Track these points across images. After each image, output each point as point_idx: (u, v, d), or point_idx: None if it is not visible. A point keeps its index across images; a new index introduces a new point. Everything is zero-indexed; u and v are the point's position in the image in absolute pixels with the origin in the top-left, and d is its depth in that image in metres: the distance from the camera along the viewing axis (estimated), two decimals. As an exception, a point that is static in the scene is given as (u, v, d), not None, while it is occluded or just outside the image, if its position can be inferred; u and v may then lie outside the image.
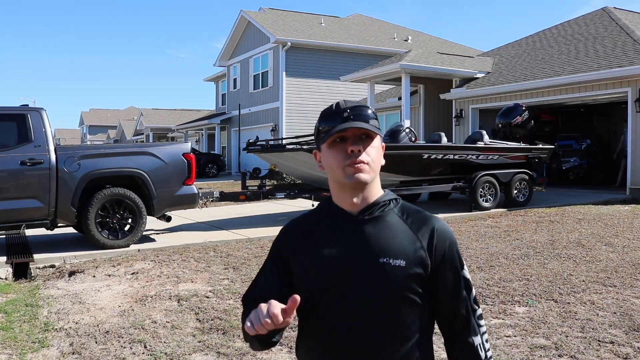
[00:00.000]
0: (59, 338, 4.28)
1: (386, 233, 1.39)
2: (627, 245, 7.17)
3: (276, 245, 1.51)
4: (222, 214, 11.21)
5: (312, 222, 1.48)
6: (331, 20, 28.70)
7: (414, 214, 1.44)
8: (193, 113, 44.28)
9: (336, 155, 1.38)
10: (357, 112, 1.39)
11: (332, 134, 1.37)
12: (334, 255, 1.38)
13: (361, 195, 1.41)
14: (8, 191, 7.02)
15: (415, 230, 1.40)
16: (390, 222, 1.41)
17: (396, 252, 1.36)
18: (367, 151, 1.38)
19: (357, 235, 1.39)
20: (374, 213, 1.41)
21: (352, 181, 1.36)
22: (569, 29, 18.95)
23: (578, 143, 17.28)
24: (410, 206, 1.47)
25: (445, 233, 1.42)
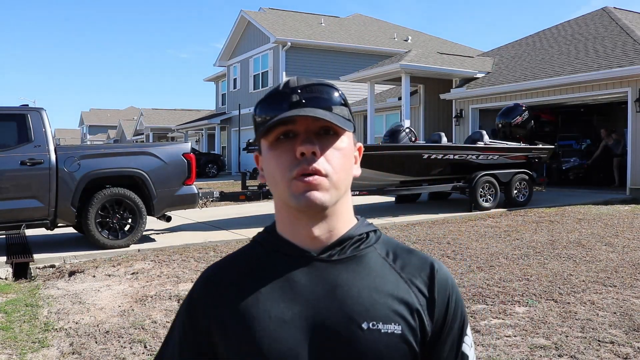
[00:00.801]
0: (59, 338, 4.28)
1: (367, 281, 0.93)
2: (627, 245, 7.17)
3: (187, 315, 0.97)
4: (222, 214, 11.22)
5: (245, 270, 0.96)
6: (331, 20, 28.71)
7: (403, 254, 0.98)
8: (193, 113, 44.29)
9: (279, 160, 0.90)
10: (314, 93, 0.91)
11: (269, 127, 0.89)
12: (288, 320, 0.89)
13: (324, 225, 0.93)
14: (8, 191, 7.02)
15: (409, 278, 0.95)
16: (371, 266, 0.95)
17: (387, 312, 0.90)
18: (327, 155, 0.89)
19: (323, 286, 0.91)
20: (346, 252, 0.94)
21: (300, 203, 0.88)
22: (569, 29, 18.96)
23: (578, 143, 17.28)
24: (396, 242, 1.02)
25: (450, 284, 0.98)
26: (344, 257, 0.94)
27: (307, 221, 0.92)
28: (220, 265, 1.00)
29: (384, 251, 0.98)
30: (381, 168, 9.68)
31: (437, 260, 1.00)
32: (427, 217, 9.99)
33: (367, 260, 0.95)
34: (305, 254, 0.94)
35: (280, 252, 0.95)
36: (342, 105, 0.94)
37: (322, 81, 0.95)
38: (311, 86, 0.92)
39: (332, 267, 0.93)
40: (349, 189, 0.95)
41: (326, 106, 0.91)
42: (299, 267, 0.93)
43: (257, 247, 0.99)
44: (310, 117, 0.87)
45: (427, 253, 1.07)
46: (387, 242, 1.01)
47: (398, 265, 0.97)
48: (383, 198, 12.57)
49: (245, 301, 0.92)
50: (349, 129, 0.91)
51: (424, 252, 1.04)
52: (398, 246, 1.01)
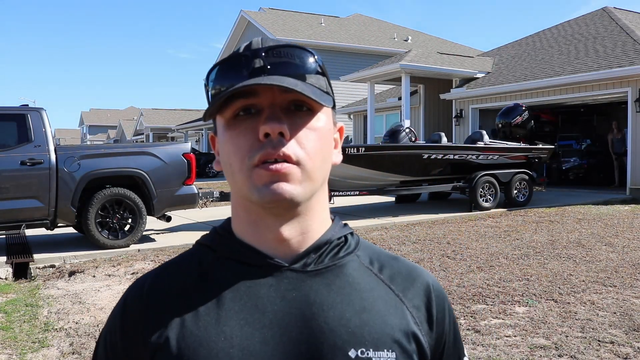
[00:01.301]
0: (59, 338, 4.28)
1: (352, 298, 0.74)
2: (627, 245, 7.17)
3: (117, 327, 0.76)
4: (222, 214, 11.21)
5: (192, 281, 0.75)
6: (331, 20, 28.71)
7: (390, 263, 0.81)
8: (193, 113, 44.30)
9: (237, 143, 0.71)
10: (282, 58, 0.72)
11: (223, 98, 0.69)
12: (254, 350, 0.69)
13: (295, 226, 0.74)
14: (8, 191, 7.02)
15: (400, 292, 0.78)
16: (354, 278, 0.76)
17: (378, 336, 0.72)
18: (298, 137, 0.70)
19: (298, 304, 0.72)
20: (324, 260, 0.75)
21: (263, 197, 0.69)
22: (569, 29, 18.96)
23: (578, 143, 17.29)
24: (378, 248, 0.84)
25: (444, 296, 0.82)
26: (321, 267, 0.74)
27: (274, 221, 0.72)
28: (158, 276, 0.77)
29: (367, 259, 0.79)
30: (381, 168, 9.68)
31: (427, 271, 0.84)
32: (427, 217, 9.99)
33: (349, 270, 0.76)
34: (273, 262, 0.73)
35: (239, 259, 0.74)
36: (318, 74, 0.74)
37: (293, 43, 0.75)
38: (279, 48, 0.72)
39: (308, 280, 0.73)
40: (326, 180, 0.76)
41: (298, 73, 0.71)
42: (264, 279, 0.72)
43: (206, 252, 0.77)
44: (276, 86, 0.67)
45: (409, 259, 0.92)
46: (367, 247, 0.82)
47: (386, 276, 0.78)
48: (383, 198, 12.57)
49: (197, 323, 0.70)
50: (326, 104, 0.71)
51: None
52: (382, 253, 0.82)
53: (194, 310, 0.72)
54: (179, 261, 0.79)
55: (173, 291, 0.74)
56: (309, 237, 0.75)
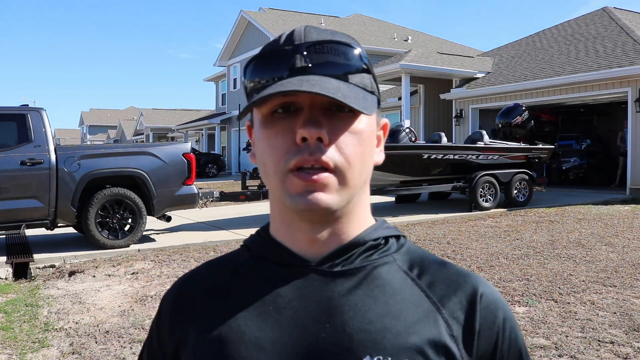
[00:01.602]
0: (59, 338, 4.28)
1: (379, 302, 0.70)
2: (627, 245, 7.17)
3: (155, 332, 0.79)
4: (222, 214, 11.22)
5: (223, 279, 0.76)
6: (331, 20, 28.71)
7: (433, 268, 0.74)
8: (193, 113, 44.31)
9: (273, 143, 0.68)
10: (325, 54, 0.67)
11: (260, 101, 0.65)
12: (267, 346, 0.68)
13: (329, 228, 0.71)
14: (8, 191, 7.02)
15: (439, 298, 0.71)
16: (386, 281, 0.72)
17: (400, 344, 0.67)
18: (338, 142, 0.66)
19: (318, 304, 0.70)
20: (354, 261, 0.72)
21: (297, 206, 0.67)
22: (569, 29, 18.97)
23: (578, 143, 17.30)
24: (425, 253, 0.77)
25: (502, 311, 0.73)
26: (349, 268, 0.71)
27: (307, 225, 0.70)
28: (195, 273, 0.79)
29: (407, 263, 0.74)
30: (381, 168, 9.59)
31: (482, 279, 0.75)
32: (427, 217, 9.99)
33: (382, 273, 0.72)
34: (300, 262, 0.72)
35: (269, 258, 0.74)
36: (363, 72, 0.69)
37: (336, 37, 0.69)
38: (322, 44, 0.67)
39: (333, 281, 0.70)
40: (366, 183, 0.73)
41: (341, 74, 0.67)
42: (290, 278, 0.71)
43: (243, 251, 0.78)
44: (316, 94, 0.63)
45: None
46: (411, 251, 0.76)
47: (424, 282, 0.72)
48: (383, 198, 12.57)
49: (215, 318, 0.72)
50: (368, 112, 0.66)
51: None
52: (427, 257, 0.76)
53: (217, 306, 0.73)
54: (219, 259, 0.80)
55: (204, 287, 0.76)
56: (342, 239, 0.72)
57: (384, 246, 0.74)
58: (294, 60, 0.67)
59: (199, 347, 0.71)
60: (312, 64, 0.66)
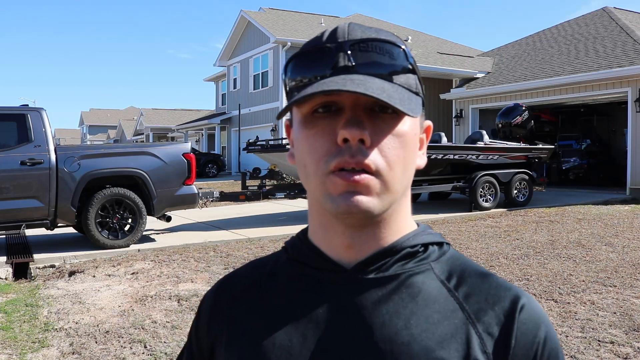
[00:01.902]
0: (59, 338, 4.28)
1: (409, 311, 0.67)
2: (627, 245, 7.17)
3: (194, 330, 0.79)
4: (222, 214, 11.22)
5: (259, 281, 0.75)
6: (331, 20, 28.70)
7: (472, 278, 0.70)
8: (193, 113, 44.32)
9: (313, 144, 0.65)
10: (370, 53, 0.64)
11: (301, 99, 0.62)
12: (294, 352, 0.68)
13: (366, 233, 0.69)
14: (8, 191, 7.02)
15: (474, 311, 0.67)
16: (421, 291, 0.68)
17: (426, 356, 0.65)
18: (381, 145, 0.64)
19: (347, 311, 0.68)
20: (388, 269, 0.69)
21: (337, 208, 0.64)
22: (569, 29, 18.97)
23: (578, 143, 17.31)
24: (467, 262, 0.73)
25: (543, 328, 0.68)
26: (383, 275, 0.68)
27: (344, 228, 0.68)
28: (236, 273, 0.79)
29: (445, 272, 0.70)
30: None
31: (525, 292, 0.70)
32: (427, 217, 9.99)
33: (417, 283, 0.68)
34: (334, 267, 0.70)
35: (304, 262, 0.73)
36: (408, 72, 0.66)
37: (381, 35, 0.66)
38: (367, 42, 0.64)
39: (365, 289, 0.68)
40: (408, 188, 0.70)
41: (385, 73, 0.64)
42: (323, 283, 0.70)
43: (282, 253, 0.78)
44: (360, 94, 0.59)
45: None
46: (453, 260, 0.72)
47: (461, 293, 0.68)
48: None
49: (248, 320, 0.72)
50: (413, 114, 0.62)
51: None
52: (468, 267, 0.71)
53: (252, 308, 0.73)
54: (261, 259, 0.79)
55: (242, 287, 0.76)
56: (379, 245, 0.69)
57: (422, 253, 0.71)
58: (337, 58, 0.64)
59: (230, 348, 0.71)
60: (356, 63, 0.64)
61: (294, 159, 0.71)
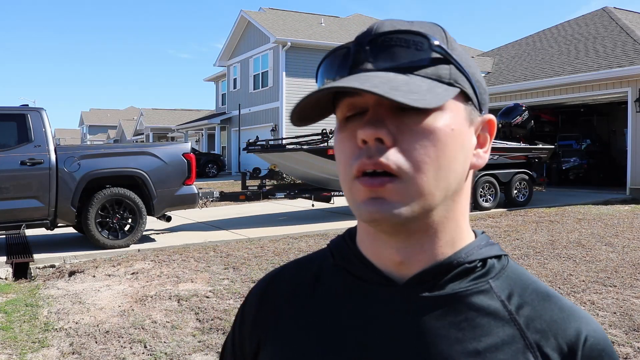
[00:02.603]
0: (59, 338, 4.28)
1: (464, 337, 0.61)
2: (627, 245, 7.17)
3: (237, 324, 0.76)
4: (222, 214, 11.22)
5: (309, 283, 0.71)
6: (331, 20, 28.71)
7: (536, 301, 0.64)
8: (193, 113, 44.31)
9: (342, 147, 0.62)
10: (390, 45, 0.60)
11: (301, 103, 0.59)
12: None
13: (414, 245, 0.63)
14: (8, 191, 7.02)
15: (536, 340, 0.62)
16: (477, 315, 0.62)
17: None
18: (404, 142, 0.58)
19: (396, 333, 0.62)
20: (444, 287, 0.63)
21: (361, 216, 0.60)
22: (569, 29, 18.97)
23: (578, 143, 17.31)
24: (529, 279, 0.67)
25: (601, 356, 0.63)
26: (438, 294, 0.62)
27: (387, 238, 0.63)
28: (282, 271, 0.75)
29: (506, 292, 0.63)
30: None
31: (591, 319, 0.65)
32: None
33: (475, 303, 0.62)
34: (383, 280, 0.64)
35: (349, 270, 0.67)
36: (437, 63, 0.59)
37: (411, 26, 0.61)
38: (389, 35, 0.59)
39: (418, 307, 0.62)
40: (460, 193, 0.64)
41: (404, 67, 0.59)
42: (371, 297, 0.64)
43: (327, 256, 0.72)
44: (356, 88, 0.54)
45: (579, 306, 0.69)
46: (514, 276, 0.65)
47: (522, 317, 0.62)
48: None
49: (290, 326, 0.68)
50: (428, 102, 0.55)
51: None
52: (531, 286, 0.65)
53: (295, 313, 0.69)
54: (307, 258, 0.75)
55: (288, 288, 0.72)
56: (432, 258, 0.63)
57: (480, 269, 0.64)
58: (356, 57, 0.61)
59: (273, 354, 0.68)
60: (374, 60, 0.59)
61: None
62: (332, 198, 10.47)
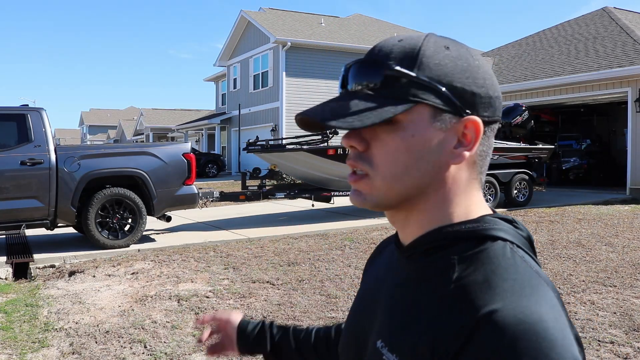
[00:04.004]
0: (59, 338, 4.28)
1: (413, 292, 0.71)
2: (627, 245, 7.17)
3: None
4: (222, 214, 11.22)
5: (379, 253, 0.93)
6: (331, 20, 28.70)
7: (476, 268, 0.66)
8: (193, 113, 44.31)
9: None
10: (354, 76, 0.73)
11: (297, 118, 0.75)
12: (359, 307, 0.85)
13: (401, 221, 0.77)
14: (8, 191, 7.02)
15: (449, 301, 0.65)
16: (433, 275, 0.70)
17: (400, 338, 0.69)
18: (372, 148, 0.71)
19: (390, 284, 0.78)
20: (418, 254, 0.74)
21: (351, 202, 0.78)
22: (569, 29, 18.96)
23: (578, 143, 17.30)
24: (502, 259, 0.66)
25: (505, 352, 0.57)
26: (415, 259, 0.74)
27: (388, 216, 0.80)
28: (380, 244, 0.97)
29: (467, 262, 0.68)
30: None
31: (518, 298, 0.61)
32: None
33: (436, 267, 0.70)
34: (398, 248, 0.80)
35: (391, 241, 0.89)
36: (390, 84, 0.70)
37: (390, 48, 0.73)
38: (357, 63, 0.73)
39: (402, 267, 0.77)
40: (438, 184, 0.72)
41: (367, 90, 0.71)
42: (390, 259, 0.84)
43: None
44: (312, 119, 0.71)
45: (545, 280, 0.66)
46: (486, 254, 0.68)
47: (461, 281, 0.66)
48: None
49: (364, 279, 0.92)
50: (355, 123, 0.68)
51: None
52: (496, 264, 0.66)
53: (368, 271, 0.92)
54: (390, 237, 0.93)
55: (372, 256, 0.96)
56: (417, 233, 0.75)
57: (451, 246, 0.71)
58: (342, 79, 0.75)
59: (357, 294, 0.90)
60: (343, 86, 0.75)
61: None
62: (332, 198, 10.47)
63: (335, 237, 8.18)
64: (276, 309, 4.80)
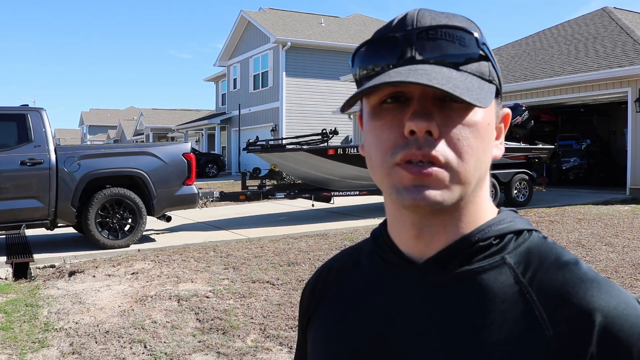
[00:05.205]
0: (59, 338, 4.28)
1: (474, 314, 0.61)
2: (627, 245, 7.17)
3: (299, 306, 0.84)
4: (222, 214, 11.22)
5: (350, 268, 0.76)
6: (331, 20, 28.71)
7: (548, 267, 0.63)
8: (193, 113, 44.32)
9: (380, 136, 0.63)
10: (437, 41, 0.61)
11: (365, 91, 0.60)
12: (359, 344, 0.68)
13: (435, 224, 0.65)
14: (8, 191, 7.02)
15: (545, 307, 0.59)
16: (491, 289, 0.62)
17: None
18: (450, 135, 0.61)
19: (419, 314, 0.65)
20: (457, 267, 0.64)
21: (403, 201, 0.61)
22: (569, 29, 18.96)
23: (578, 143, 17.30)
24: (549, 251, 0.65)
25: (631, 337, 0.56)
26: (453, 273, 0.64)
27: (413, 218, 0.65)
28: (331, 261, 0.81)
29: (522, 266, 0.63)
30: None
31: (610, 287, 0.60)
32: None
33: (485, 280, 0.62)
34: (404, 261, 0.67)
35: (381, 255, 0.71)
36: (481, 59, 0.62)
37: (452, 21, 0.63)
38: (435, 29, 0.61)
39: (434, 288, 0.64)
40: (484, 177, 0.66)
41: (453, 62, 0.61)
42: (394, 277, 0.68)
43: (369, 242, 0.76)
44: (423, 85, 0.56)
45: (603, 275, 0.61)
46: (535, 249, 0.65)
47: (535, 289, 0.60)
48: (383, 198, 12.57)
49: (330, 307, 0.74)
50: (482, 104, 0.58)
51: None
52: (552, 256, 0.63)
53: (338, 294, 0.75)
54: (354, 247, 0.81)
55: (334, 274, 0.78)
56: (451, 237, 0.65)
57: (496, 246, 0.65)
58: (404, 47, 0.62)
59: (317, 327, 0.75)
60: (422, 52, 0.61)
61: (364, 150, 0.68)
62: (332, 198, 10.47)
63: (335, 237, 8.18)
64: (276, 309, 4.80)
